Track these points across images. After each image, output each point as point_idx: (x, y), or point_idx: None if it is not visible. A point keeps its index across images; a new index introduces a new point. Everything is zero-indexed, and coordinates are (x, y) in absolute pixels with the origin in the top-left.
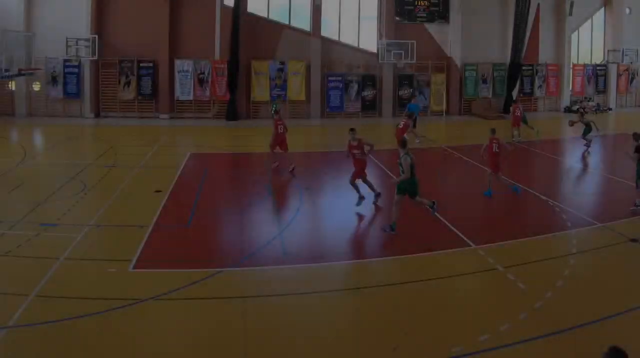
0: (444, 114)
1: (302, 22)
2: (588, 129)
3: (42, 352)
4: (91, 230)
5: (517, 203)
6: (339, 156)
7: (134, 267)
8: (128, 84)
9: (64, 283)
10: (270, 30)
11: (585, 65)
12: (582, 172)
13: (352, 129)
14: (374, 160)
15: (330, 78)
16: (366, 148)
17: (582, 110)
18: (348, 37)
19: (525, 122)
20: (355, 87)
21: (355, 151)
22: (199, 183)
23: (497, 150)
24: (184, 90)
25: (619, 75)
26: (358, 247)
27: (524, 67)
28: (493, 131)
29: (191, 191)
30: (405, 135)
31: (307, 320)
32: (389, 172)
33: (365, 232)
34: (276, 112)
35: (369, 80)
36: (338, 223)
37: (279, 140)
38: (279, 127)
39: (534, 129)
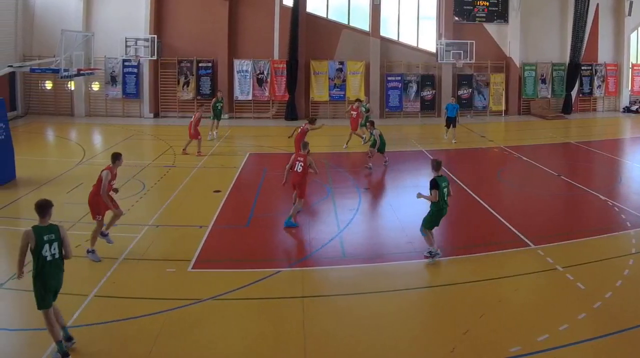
0: (503, 114)
1: (361, 22)
2: None
3: (101, 352)
4: (150, 230)
5: (577, 203)
6: (396, 156)
7: (193, 267)
8: (187, 83)
9: (123, 283)
10: (329, 30)
11: None
12: None
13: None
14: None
15: (389, 78)
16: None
17: None
18: (407, 37)
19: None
20: (414, 87)
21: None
22: (258, 184)
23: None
24: (243, 90)
25: None
26: (416, 246)
27: (582, 67)
28: None
29: (250, 191)
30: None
31: (365, 320)
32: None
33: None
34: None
35: (428, 80)
36: (396, 224)
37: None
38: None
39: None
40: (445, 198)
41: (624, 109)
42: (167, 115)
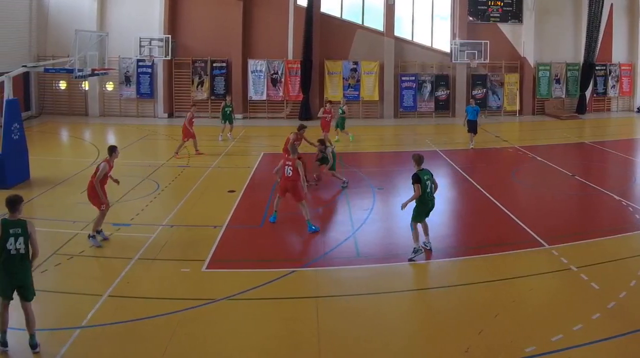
0: (517, 114)
1: (376, 22)
2: None
3: (115, 352)
4: (164, 230)
5: (591, 203)
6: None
7: (207, 267)
8: (201, 83)
9: (137, 283)
10: (343, 30)
11: None
12: None
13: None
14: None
15: (403, 78)
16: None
17: None
18: (421, 37)
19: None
20: (429, 87)
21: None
22: (272, 184)
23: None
24: (257, 90)
25: None
26: (431, 246)
27: (597, 67)
28: None
29: (264, 191)
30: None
31: (380, 320)
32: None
33: (437, 232)
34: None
35: (442, 80)
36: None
37: None
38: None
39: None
40: (429, 191)
41: (638, 108)
42: (182, 115)
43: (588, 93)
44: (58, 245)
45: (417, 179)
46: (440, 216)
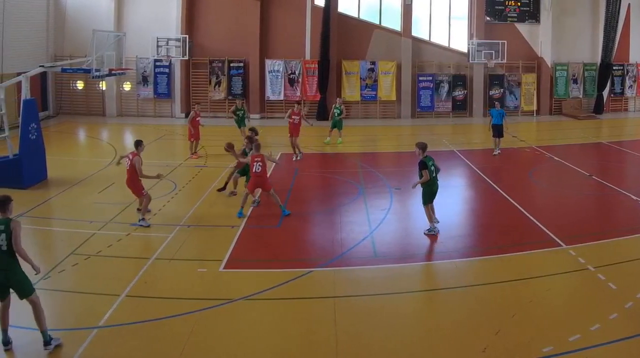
0: (535, 114)
1: (393, 22)
2: None
3: (132, 352)
4: (182, 230)
5: (608, 204)
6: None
7: (225, 267)
8: (218, 83)
9: (155, 283)
10: (360, 30)
11: None
12: None
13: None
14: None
15: (420, 78)
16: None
17: None
18: (438, 37)
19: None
20: (446, 87)
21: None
22: (289, 184)
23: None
24: (275, 90)
25: None
26: (448, 246)
27: (614, 67)
28: None
29: (282, 191)
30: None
31: (397, 320)
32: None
33: (454, 232)
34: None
35: (460, 80)
36: (427, 223)
37: None
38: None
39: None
40: (435, 175)
41: None
42: (201, 114)
43: (605, 93)
44: (75, 246)
45: (424, 165)
46: (457, 216)
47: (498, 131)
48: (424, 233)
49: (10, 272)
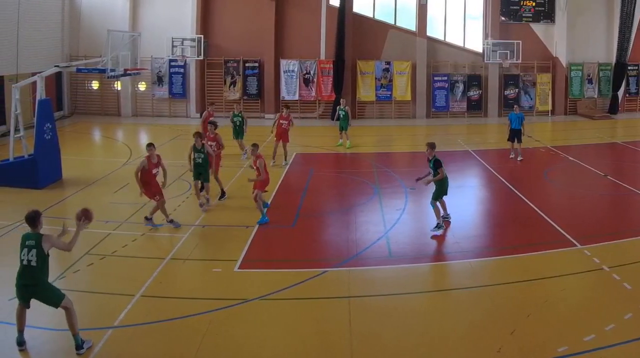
0: (550, 114)
1: (408, 22)
2: None
3: (147, 352)
4: (197, 230)
5: (623, 204)
6: (445, 156)
7: (240, 267)
8: (234, 83)
9: (170, 283)
10: (375, 30)
11: None
12: None
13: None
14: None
15: (435, 78)
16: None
17: None
18: (453, 37)
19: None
20: (461, 87)
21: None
22: (304, 184)
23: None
24: (290, 90)
25: None
26: (463, 246)
27: (629, 67)
28: None
29: (297, 191)
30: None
31: (412, 320)
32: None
33: (469, 231)
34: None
35: (475, 80)
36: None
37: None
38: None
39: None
40: (446, 173)
41: None
42: (214, 115)
43: (620, 93)
44: (90, 246)
45: (440, 164)
46: (472, 216)
47: (516, 136)
48: (431, 231)
49: (39, 287)
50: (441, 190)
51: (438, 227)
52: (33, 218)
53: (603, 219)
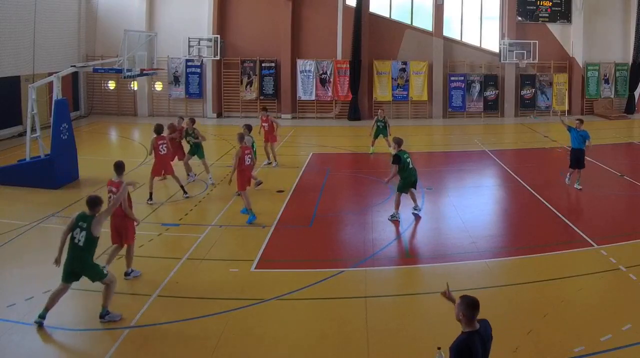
0: (566, 114)
1: (424, 22)
2: None
3: (164, 352)
4: (213, 230)
5: None
6: (460, 156)
7: (256, 267)
8: (250, 83)
9: (186, 283)
10: (392, 30)
11: None
12: None
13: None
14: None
15: (452, 78)
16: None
17: None
18: (470, 37)
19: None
20: (477, 87)
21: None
22: (321, 184)
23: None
24: (306, 90)
25: None
26: (479, 246)
27: None
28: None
29: (314, 191)
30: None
31: (428, 320)
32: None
33: (486, 231)
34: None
35: (491, 80)
36: (459, 224)
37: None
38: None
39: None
40: (411, 166)
41: None
42: (230, 115)
43: (637, 93)
44: (106, 246)
45: (397, 160)
46: (489, 216)
47: (579, 159)
48: (388, 219)
49: (86, 264)
50: (406, 182)
51: (392, 216)
52: (94, 202)
53: (620, 219)
